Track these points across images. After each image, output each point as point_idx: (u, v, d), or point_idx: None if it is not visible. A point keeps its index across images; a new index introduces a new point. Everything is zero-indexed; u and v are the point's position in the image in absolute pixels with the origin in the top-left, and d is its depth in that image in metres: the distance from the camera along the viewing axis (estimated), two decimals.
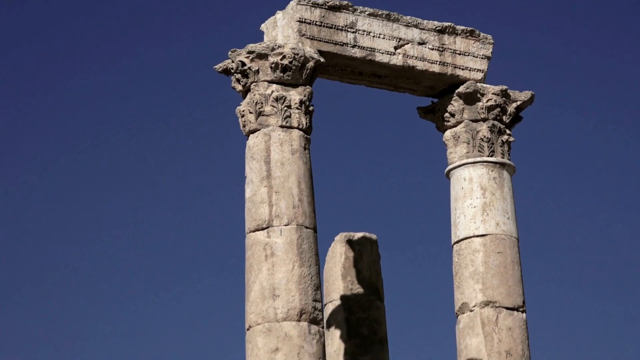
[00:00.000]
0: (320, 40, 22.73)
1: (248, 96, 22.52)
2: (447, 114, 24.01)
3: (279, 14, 22.93)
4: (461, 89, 23.80)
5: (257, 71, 22.39)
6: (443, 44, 23.79)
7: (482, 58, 24.08)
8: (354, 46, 23.00)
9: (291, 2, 22.73)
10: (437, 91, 24.19)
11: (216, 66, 22.96)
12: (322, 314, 22.21)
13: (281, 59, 22.26)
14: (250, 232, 22.10)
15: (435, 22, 23.81)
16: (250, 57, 22.38)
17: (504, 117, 23.96)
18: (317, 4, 22.73)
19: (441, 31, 23.80)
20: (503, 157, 23.86)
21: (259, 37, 23.23)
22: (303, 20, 22.62)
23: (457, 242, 23.67)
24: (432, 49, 23.69)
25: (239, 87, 22.72)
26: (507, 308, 23.10)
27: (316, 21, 22.72)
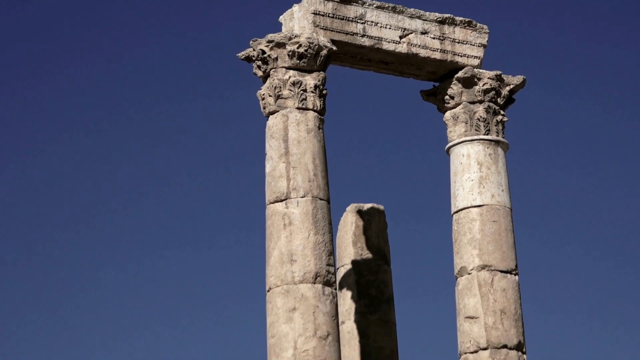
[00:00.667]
0: (332, 31, 22.89)
1: (268, 81, 22.71)
2: (447, 97, 24.17)
3: (296, 7, 23.10)
4: (460, 74, 23.96)
5: (276, 58, 22.58)
6: (443, 34, 23.94)
7: (478, 46, 24.23)
8: (363, 36, 23.18)
9: None
10: (438, 76, 24.35)
11: (239, 54, 23.14)
12: (335, 277, 22.48)
13: (298, 48, 22.46)
14: (270, 203, 22.34)
15: (436, 14, 23.94)
16: (269, 46, 22.57)
17: (498, 99, 24.10)
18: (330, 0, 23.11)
19: (441, 22, 23.94)
20: (498, 135, 24.00)
21: (277, 27, 23.40)
22: (317, 12, 22.79)
23: (456, 212, 23.85)
24: (434, 38, 23.85)
25: (260, 73, 22.89)
26: (502, 271, 23.29)
27: (329, 13, 22.89)
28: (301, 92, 22.50)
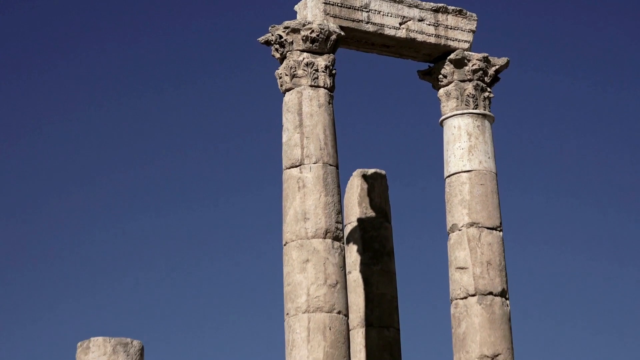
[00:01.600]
0: (341, 18, 23.03)
1: (284, 62, 22.89)
2: (440, 76, 24.29)
3: None
4: (452, 56, 24.09)
5: (292, 42, 22.76)
6: (437, 21, 24.05)
7: (468, 32, 24.33)
8: (367, 23, 23.33)
9: None
10: (432, 58, 24.46)
11: (259, 38, 23.32)
12: (343, 233, 22.72)
13: (310, 33, 22.62)
14: (286, 169, 22.57)
15: (431, 3, 24.07)
16: (286, 32, 22.73)
17: (485, 78, 24.22)
18: None
19: (436, 10, 24.07)
20: (485, 110, 24.13)
21: (292, 15, 23.46)
22: (327, 2, 22.93)
23: (449, 176, 24.00)
24: (429, 25, 23.95)
25: (277, 55, 23.06)
26: (488, 228, 23.49)
27: (338, 3, 23.02)
28: (313, 71, 22.70)
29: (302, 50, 22.73)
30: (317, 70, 22.73)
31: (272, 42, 23.04)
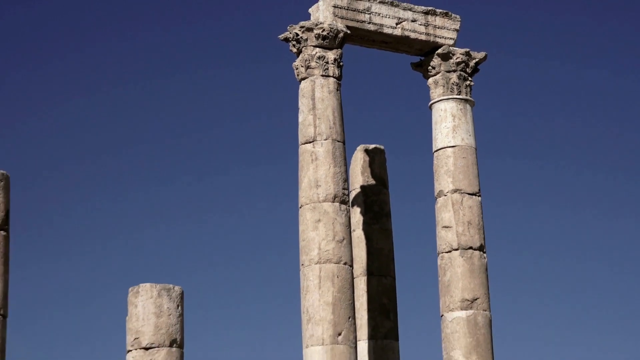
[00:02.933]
0: (347, 19, 23.11)
1: (300, 56, 23.01)
2: (430, 67, 24.36)
3: (321, 2, 23.28)
4: (439, 50, 24.13)
5: (306, 39, 22.85)
6: (427, 21, 24.08)
7: (453, 30, 24.38)
8: (369, 23, 23.41)
9: None
10: (423, 52, 24.50)
11: (279, 36, 23.42)
12: (348, 197, 22.96)
13: (322, 31, 22.72)
14: (302, 144, 22.71)
15: (422, 7, 24.10)
16: (302, 30, 22.85)
17: (467, 69, 24.28)
18: None
19: (426, 13, 24.10)
20: (466, 95, 24.21)
21: (307, 17, 23.54)
22: (336, 6, 23.03)
23: (436, 150, 24.11)
24: (420, 25, 24.00)
25: (294, 50, 23.15)
26: (469, 194, 23.62)
27: (344, 6, 23.12)
28: (324, 63, 22.82)
29: (315, 46, 22.83)
30: (327, 63, 22.84)
31: (290, 39, 23.15)
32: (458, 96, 24.11)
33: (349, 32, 23.06)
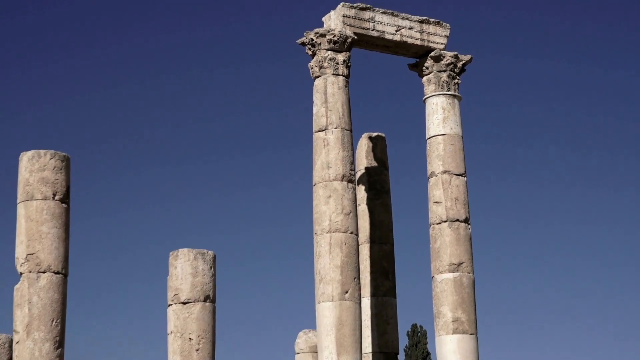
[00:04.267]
0: (354, 27, 23.07)
1: (314, 57, 22.98)
2: (424, 68, 24.29)
3: (332, 12, 23.26)
4: (432, 54, 24.09)
5: (320, 43, 22.82)
6: (422, 29, 24.02)
7: (443, 36, 24.31)
8: (373, 30, 23.35)
9: (339, 5, 23.10)
10: (419, 55, 24.42)
11: (297, 40, 23.38)
12: (355, 177, 22.92)
13: (333, 37, 22.71)
14: (315, 132, 22.70)
15: (418, 16, 24.00)
16: (316, 35, 22.83)
17: (455, 70, 24.21)
18: (353, 7, 23.10)
19: (421, 22, 24.04)
20: (455, 92, 24.14)
21: (320, 24, 23.48)
22: (345, 15, 23.02)
23: (429, 138, 24.03)
24: (416, 32, 23.95)
25: (309, 52, 23.13)
26: (456, 174, 23.59)
27: (352, 16, 23.09)
28: (335, 64, 22.80)
29: (327, 49, 22.80)
30: (337, 63, 22.83)
31: (306, 43, 23.13)
32: (447, 92, 24.05)
33: (355, 37, 23.03)
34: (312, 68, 23.06)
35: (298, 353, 27.21)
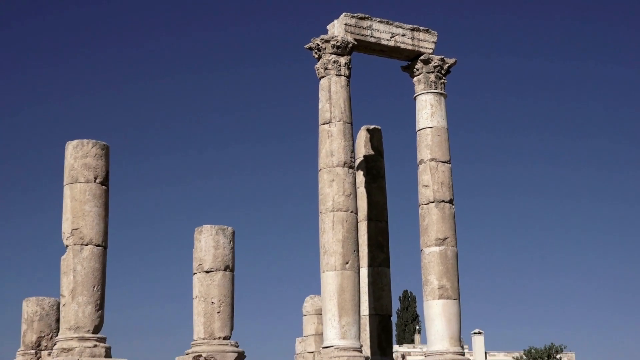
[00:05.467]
0: (355, 34, 22.99)
1: (320, 60, 22.92)
2: (414, 69, 24.18)
3: (335, 21, 23.20)
4: (422, 57, 24.00)
5: (325, 48, 22.77)
6: (413, 36, 23.93)
7: (432, 42, 24.20)
8: (371, 37, 23.26)
9: (341, 15, 23.02)
10: (410, 58, 24.29)
11: (305, 45, 23.32)
12: (354, 163, 22.91)
13: (336, 43, 22.66)
14: (321, 125, 22.65)
15: (410, 25, 23.90)
16: (322, 41, 22.78)
17: (442, 71, 24.12)
18: (353, 16, 23.00)
19: (412, 29, 23.93)
20: (441, 90, 24.05)
21: (325, 32, 23.46)
22: (347, 24, 22.94)
23: (419, 130, 23.95)
24: (408, 38, 23.86)
25: (316, 56, 23.05)
26: (442, 161, 23.54)
27: (353, 24, 23.01)
28: (338, 66, 22.74)
29: (331, 53, 22.75)
30: (340, 65, 22.77)
31: (313, 48, 23.09)
32: (435, 91, 23.99)
33: (356, 43, 22.97)
34: (317, 69, 23.00)
35: (305, 315, 27.31)
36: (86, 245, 18.09)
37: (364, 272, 24.70)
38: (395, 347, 55.98)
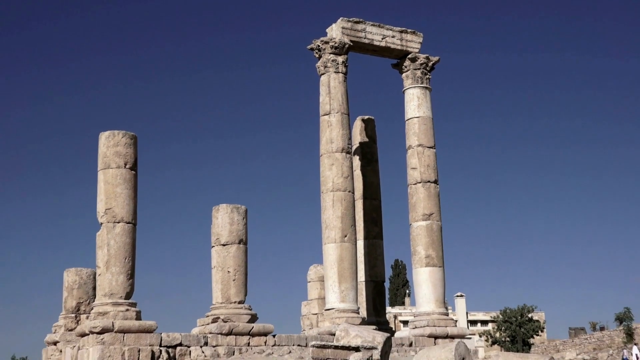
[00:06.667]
0: (350, 36, 22.87)
1: (320, 59, 22.80)
2: (403, 66, 24.06)
3: (334, 25, 23.05)
4: (409, 56, 23.88)
5: (325, 48, 22.66)
6: (402, 37, 23.77)
7: (418, 43, 24.03)
8: (364, 38, 23.13)
9: (339, 20, 22.89)
10: (399, 57, 24.15)
11: (308, 46, 23.19)
12: (351, 149, 22.75)
13: (334, 44, 22.54)
14: (322, 116, 22.52)
15: (399, 27, 23.79)
16: (322, 43, 22.66)
17: (427, 68, 23.99)
18: (349, 21, 22.88)
19: (401, 31, 23.79)
20: (427, 85, 23.92)
21: (324, 34, 23.27)
22: (344, 27, 22.82)
23: (407, 119, 23.83)
24: (397, 39, 23.68)
25: (317, 55, 22.93)
26: (428, 147, 23.42)
27: (349, 28, 22.89)
28: (336, 64, 22.62)
29: (330, 53, 22.65)
30: (338, 64, 22.65)
31: (314, 49, 22.97)
32: (421, 85, 23.88)
33: (351, 44, 22.86)
34: (318, 67, 22.87)
35: (309, 282, 27.27)
36: (118, 222, 18.04)
37: (360, 244, 24.69)
38: (388, 309, 56.13)
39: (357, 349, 14.39)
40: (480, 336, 56.64)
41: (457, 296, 60.87)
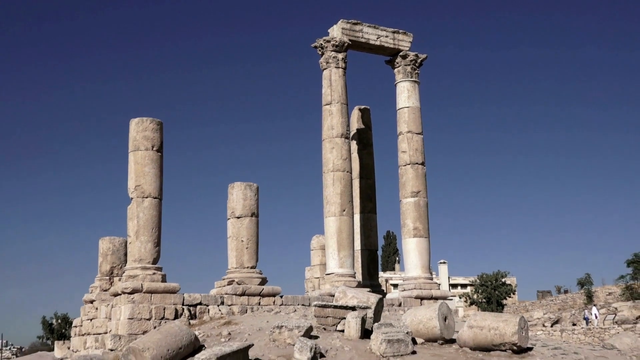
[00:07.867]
0: (349, 35, 22.69)
1: (323, 56, 22.63)
2: (395, 63, 23.89)
3: (335, 26, 22.86)
4: (401, 53, 23.71)
5: (327, 47, 22.50)
6: (394, 37, 23.57)
7: (408, 42, 23.82)
8: (361, 38, 22.94)
9: (339, 21, 22.71)
10: (392, 54, 23.97)
11: (312, 44, 22.98)
12: (349, 135, 22.69)
13: (335, 42, 22.38)
14: (324, 105, 22.36)
15: (392, 28, 23.59)
16: (324, 41, 22.51)
17: (416, 64, 23.82)
18: (349, 22, 22.70)
19: (394, 32, 23.58)
20: (416, 79, 23.76)
21: (327, 33, 23.08)
22: (343, 28, 22.64)
23: (399, 109, 23.70)
24: (390, 39, 23.49)
25: (320, 52, 22.74)
26: (416, 133, 23.30)
27: (348, 29, 22.71)
28: (337, 60, 22.47)
29: (331, 50, 22.49)
30: (338, 60, 22.50)
31: (318, 46, 22.79)
32: (411, 79, 23.73)
33: (350, 43, 22.71)
34: (321, 63, 22.72)
35: (312, 250, 27.30)
36: (146, 197, 18.04)
37: (357, 217, 24.68)
38: (380, 274, 56.31)
39: (353, 308, 14.44)
40: (460, 298, 56.87)
41: (441, 263, 61.00)
